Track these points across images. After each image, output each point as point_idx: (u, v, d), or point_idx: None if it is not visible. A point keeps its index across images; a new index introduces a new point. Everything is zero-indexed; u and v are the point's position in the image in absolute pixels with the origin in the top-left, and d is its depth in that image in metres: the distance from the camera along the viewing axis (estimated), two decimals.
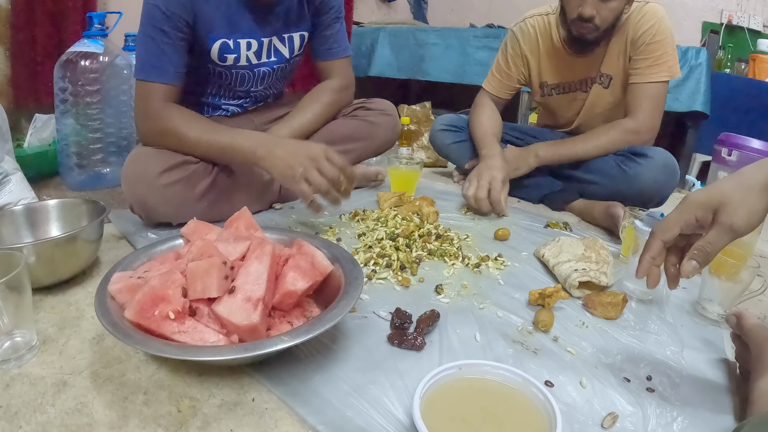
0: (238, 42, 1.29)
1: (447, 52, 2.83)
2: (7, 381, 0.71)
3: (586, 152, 1.50)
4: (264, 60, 1.38)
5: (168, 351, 0.62)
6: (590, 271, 1.00)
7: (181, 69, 1.24)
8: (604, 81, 1.54)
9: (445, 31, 2.88)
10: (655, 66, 1.42)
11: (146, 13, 1.19)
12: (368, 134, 1.53)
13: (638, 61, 1.44)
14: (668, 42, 1.41)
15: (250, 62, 1.35)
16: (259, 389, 0.71)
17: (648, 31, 1.40)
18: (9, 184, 1.40)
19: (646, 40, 1.41)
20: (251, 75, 1.38)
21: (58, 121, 1.63)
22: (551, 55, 1.59)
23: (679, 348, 0.84)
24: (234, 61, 1.32)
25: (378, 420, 0.65)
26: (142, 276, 0.75)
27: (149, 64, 1.20)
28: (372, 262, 1.08)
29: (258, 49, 1.34)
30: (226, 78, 1.36)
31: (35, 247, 0.89)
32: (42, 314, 0.88)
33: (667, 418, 0.68)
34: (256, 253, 0.72)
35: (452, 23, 3.55)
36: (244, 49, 1.31)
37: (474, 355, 0.79)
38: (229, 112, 1.47)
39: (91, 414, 0.66)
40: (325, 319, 0.67)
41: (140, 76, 1.21)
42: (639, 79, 1.44)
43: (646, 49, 1.42)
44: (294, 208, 1.45)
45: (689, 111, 2.20)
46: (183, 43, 1.22)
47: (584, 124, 1.66)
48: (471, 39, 2.75)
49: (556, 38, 1.55)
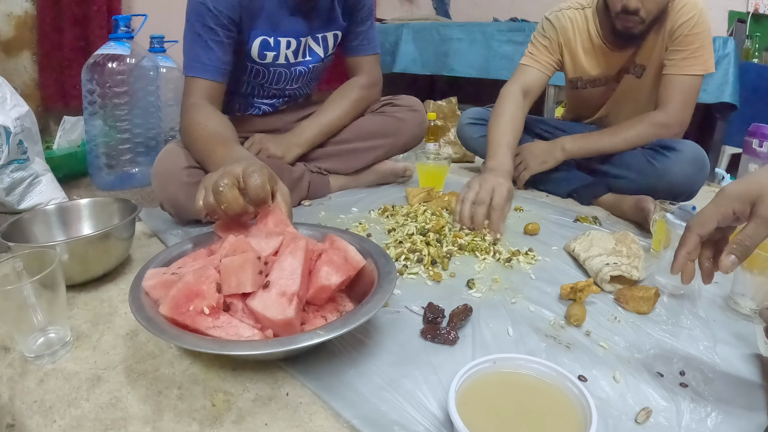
0: (279, 40, 1.32)
1: (471, 47, 2.81)
2: (42, 376, 0.72)
3: (613, 146, 1.48)
4: (300, 59, 1.40)
5: (204, 345, 0.63)
6: (622, 265, 0.98)
7: (225, 66, 1.25)
8: (638, 71, 1.51)
9: (468, 26, 2.86)
10: (691, 58, 1.38)
11: (193, 10, 1.21)
12: (396, 130, 1.54)
13: (674, 52, 1.40)
14: (706, 35, 1.38)
15: (288, 61, 1.37)
16: (293, 383, 0.71)
17: (687, 22, 1.37)
18: (40, 185, 1.43)
19: (684, 32, 1.37)
20: (288, 73, 1.40)
21: (87, 122, 1.66)
22: (587, 50, 1.54)
23: (712, 343, 0.83)
24: (273, 59, 1.34)
25: (412, 414, 0.65)
26: (175, 272, 0.76)
27: (193, 61, 1.22)
28: (403, 257, 1.07)
29: (296, 48, 1.36)
30: (263, 77, 1.38)
31: (68, 245, 0.91)
32: (75, 311, 0.89)
33: (701, 413, 0.66)
34: (290, 248, 0.72)
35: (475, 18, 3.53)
36: (283, 47, 1.34)
37: (507, 350, 0.78)
38: (260, 111, 1.49)
39: (125, 408, 0.66)
40: (359, 313, 0.67)
41: (185, 72, 1.24)
42: (673, 70, 1.41)
43: (683, 40, 1.38)
44: (323, 205, 1.45)
45: (718, 102, 2.16)
46: (229, 40, 1.24)
47: (611, 114, 1.63)
48: (495, 33, 2.72)
49: (594, 33, 1.51)
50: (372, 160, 1.58)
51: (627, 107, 1.59)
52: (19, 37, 1.90)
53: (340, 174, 1.56)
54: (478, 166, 1.91)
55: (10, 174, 1.36)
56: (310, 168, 1.47)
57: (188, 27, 1.22)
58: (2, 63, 1.88)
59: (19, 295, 0.71)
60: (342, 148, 1.52)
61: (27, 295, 0.72)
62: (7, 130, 1.31)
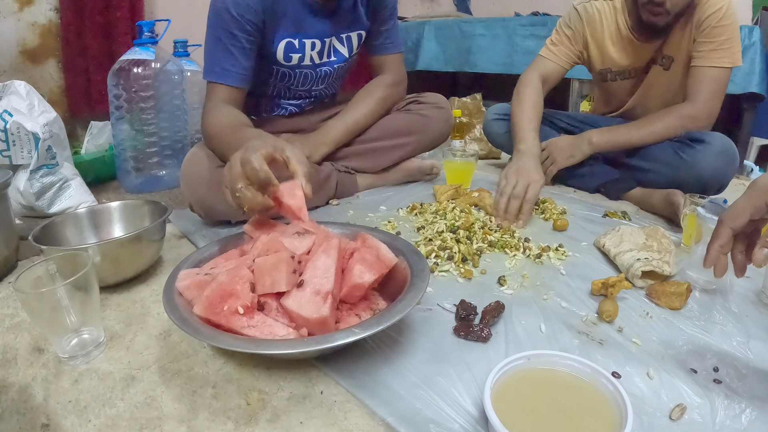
0: (303, 42, 1.33)
1: (494, 43, 2.79)
2: (76, 377, 0.73)
3: (641, 139, 1.46)
4: (325, 60, 1.41)
5: (239, 345, 0.63)
6: (653, 260, 0.97)
7: (246, 72, 1.26)
8: (665, 62, 1.49)
9: (490, 22, 2.84)
10: (719, 50, 1.36)
11: (215, 15, 1.21)
12: (422, 128, 1.54)
13: (702, 44, 1.38)
14: (733, 28, 1.36)
15: (314, 62, 1.38)
16: (327, 382, 0.71)
17: (715, 14, 1.35)
18: (69, 189, 1.46)
19: (712, 23, 1.35)
20: (314, 74, 1.41)
21: (114, 127, 1.68)
22: (616, 41, 1.53)
23: (745, 338, 0.81)
24: (299, 61, 1.35)
25: (447, 411, 0.65)
26: (208, 273, 0.77)
27: (214, 65, 1.23)
28: (433, 254, 1.08)
29: (321, 48, 1.37)
30: (290, 79, 1.39)
31: (101, 247, 0.92)
32: (108, 312, 0.91)
33: (735, 410, 0.65)
34: (323, 246, 0.73)
35: (496, 13, 3.49)
36: (308, 48, 1.34)
37: (540, 346, 0.78)
38: (287, 112, 1.50)
39: (160, 407, 0.67)
40: (394, 311, 0.67)
41: (205, 76, 1.25)
42: (701, 62, 1.39)
43: (711, 32, 1.36)
44: (351, 204, 1.46)
45: (744, 93, 2.12)
46: (251, 46, 1.24)
47: (639, 106, 1.61)
48: (517, 28, 2.70)
49: (623, 24, 1.49)
50: (399, 158, 1.58)
51: (655, 100, 1.57)
52: (44, 45, 1.93)
53: (367, 173, 1.56)
54: (504, 162, 1.90)
55: (39, 179, 1.38)
56: (337, 167, 1.47)
57: (210, 32, 1.23)
58: (29, 71, 1.91)
59: (53, 297, 0.73)
60: (369, 147, 1.52)
61: (60, 297, 0.73)
62: (36, 136, 1.33)
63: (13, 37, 1.85)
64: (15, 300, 0.95)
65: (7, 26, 1.84)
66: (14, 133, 1.32)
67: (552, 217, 1.32)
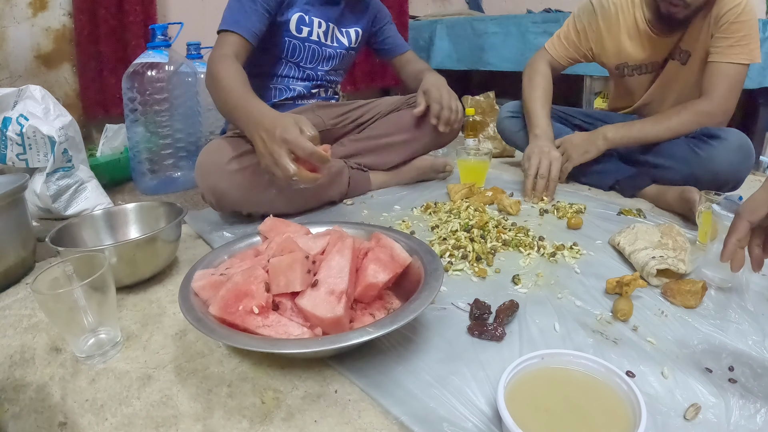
0: (312, 19, 1.46)
1: (506, 41, 2.78)
2: (93, 376, 0.74)
3: (656, 134, 1.45)
4: (329, 42, 1.52)
5: (255, 344, 0.64)
6: (668, 258, 0.96)
7: (257, 31, 1.32)
8: (683, 57, 1.47)
9: (502, 20, 2.83)
10: (737, 46, 1.35)
11: None
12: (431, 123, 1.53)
13: (720, 39, 1.36)
14: (752, 24, 1.34)
15: (320, 40, 1.50)
16: (342, 381, 0.72)
17: (734, 9, 1.33)
18: (85, 191, 1.47)
19: (731, 19, 1.34)
20: (320, 52, 1.50)
21: (129, 129, 1.70)
22: (633, 35, 1.51)
23: (761, 338, 0.80)
24: (308, 34, 1.46)
25: (461, 410, 0.65)
26: (223, 273, 0.77)
27: (230, 19, 1.30)
28: (447, 253, 1.08)
29: (326, 29, 1.50)
30: (299, 54, 1.47)
31: (117, 248, 0.93)
32: (125, 312, 0.92)
33: (750, 410, 0.65)
34: (337, 246, 0.73)
35: (508, 11, 3.47)
36: (316, 26, 1.47)
37: (554, 345, 0.78)
38: (295, 93, 1.53)
39: (176, 406, 0.68)
40: (408, 310, 0.67)
41: (219, 27, 1.30)
42: (718, 58, 1.37)
43: (729, 28, 1.34)
44: (365, 203, 1.46)
45: (760, 87, 2.09)
46: (266, 13, 1.33)
47: (655, 101, 1.59)
48: (530, 26, 2.68)
49: (640, 17, 1.48)
50: (410, 155, 1.59)
51: (671, 95, 1.55)
52: (58, 49, 1.96)
53: (379, 170, 1.57)
54: (518, 160, 1.89)
55: (56, 182, 1.40)
56: (349, 164, 1.48)
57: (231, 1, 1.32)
58: (44, 75, 1.93)
59: (70, 297, 0.73)
60: (380, 143, 1.54)
61: (77, 298, 0.74)
62: (51, 139, 1.35)
63: (27, 43, 1.88)
64: (33, 301, 0.96)
65: (21, 32, 1.86)
66: (30, 136, 1.33)
67: (566, 215, 1.32)
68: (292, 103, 1.53)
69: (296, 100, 1.54)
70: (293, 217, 1.31)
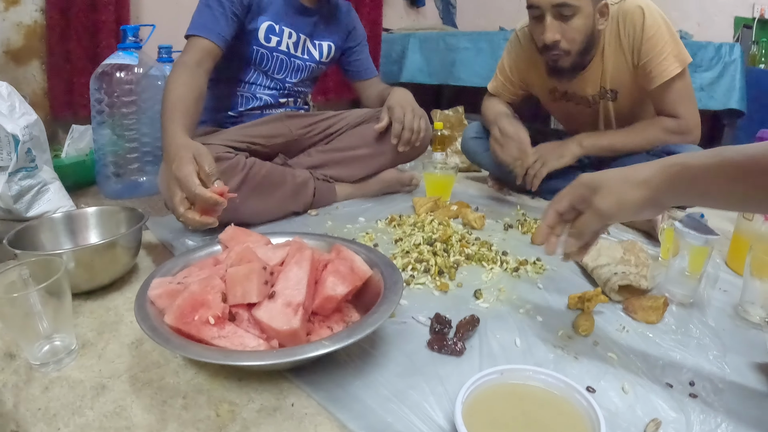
0: (283, 29, 1.45)
1: (478, 57, 2.80)
2: (46, 384, 0.72)
3: (632, 144, 1.45)
4: (299, 54, 1.52)
5: (209, 356, 0.63)
6: (630, 274, 0.97)
7: (227, 36, 1.32)
8: (611, 96, 1.49)
9: (475, 36, 2.86)
10: (663, 62, 1.34)
11: None
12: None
13: (645, 65, 1.37)
14: (663, 32, 1.33)
15: (289, 50, 1.49)
16: (299, 394, 0.71)
17: (636, 32, 1.34)
18: (48, 193, 1.44)
19: (641, 41, 1.34)
20: (288, 63, 1.50)
21: (95, 131, 1.67)
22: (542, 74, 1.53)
23: (722, 353, 0.82)
24: (276, 44, 1.46)
25: (418, 425, 0.64)
26: (181, 282, 0.76)
27: (198, 23, 1.29)
28: (410, 267, 1.07)
29: (296, 41, 1.49)
30: (267, 63, 1.47)
31: (75, 253, 0.91)
32: (81, 319, 0.89)
33: (711, 424, 0.66)
34: (296, 258, 0.72)
35: (482, 27, 3.52)
36: (286, 36, 1.47)
37: (514, 360, 0.77)
38: (262, 102, 1.52)
39: (129, 417, 0.66)
40: (365, 324, 0.66)
41: (188, 32, 1.29)
42: (657, 81, 1.37)
43: (643, 49, 1.35)
44: (330, 214, 1.45)
45: (725, 109, 2.15)
46: (234, 18, 1.33)
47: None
48: (501, 42, 2.70)
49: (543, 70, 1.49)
50: (377, 168, 1.59)
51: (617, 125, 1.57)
52: (28, 46, 1.92)
53: (345, 182, 1.56)
54: (485, 176, 1.90)
55: (18, 182, 1.36)
56: (315, 175, 1.47)
57: (201, 2, 1.31)
58: (12, 72, 1.89)
59: (26, 302, 0.72)
60: (346, 155, 1.53)
61: (33, 303, 0.72)
62: (15, 138, 1.31)
63: None
64: None
65: None
66: None
67: (531, 230, 1.32)
68: (259, 113, 1.52)
69: (264, 109, 1.53)
70: (256, 227, 1.30)
